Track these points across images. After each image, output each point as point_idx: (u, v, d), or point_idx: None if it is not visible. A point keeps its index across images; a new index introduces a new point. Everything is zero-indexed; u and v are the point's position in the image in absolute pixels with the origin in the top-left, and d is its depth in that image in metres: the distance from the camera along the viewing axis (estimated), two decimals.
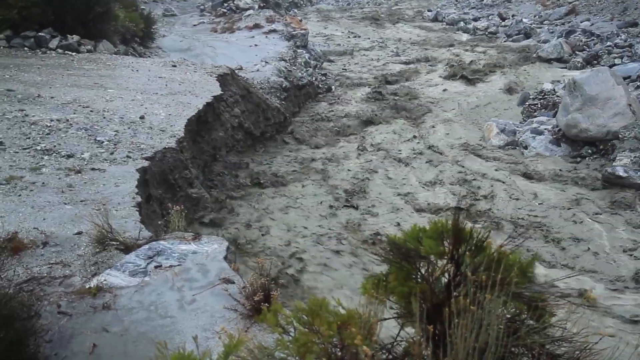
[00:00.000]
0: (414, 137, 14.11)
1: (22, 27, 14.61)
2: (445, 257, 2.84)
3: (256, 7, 27.39)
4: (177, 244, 5.63)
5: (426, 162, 12.39)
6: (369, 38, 27.53)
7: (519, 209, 10.07)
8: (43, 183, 7.13)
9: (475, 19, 30.82)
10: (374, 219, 10.01)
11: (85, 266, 5.34)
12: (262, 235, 9.35)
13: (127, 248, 5.63)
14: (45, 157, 7.93)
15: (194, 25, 25.52)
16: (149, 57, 17.85)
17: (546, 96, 15.37)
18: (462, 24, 29.97)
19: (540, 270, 7.82)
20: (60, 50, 14.69)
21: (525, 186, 10.96)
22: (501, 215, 9.81)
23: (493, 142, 13.35)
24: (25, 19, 14.40)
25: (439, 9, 35.47)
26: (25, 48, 14.50)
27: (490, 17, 30.54)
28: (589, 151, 12.12)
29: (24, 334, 3.75)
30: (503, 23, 28.23)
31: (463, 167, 12.02)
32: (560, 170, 11.49)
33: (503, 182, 11.13)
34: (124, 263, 5.27)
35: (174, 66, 14.24)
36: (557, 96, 14.85)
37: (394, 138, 14.04)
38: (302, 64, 19.08)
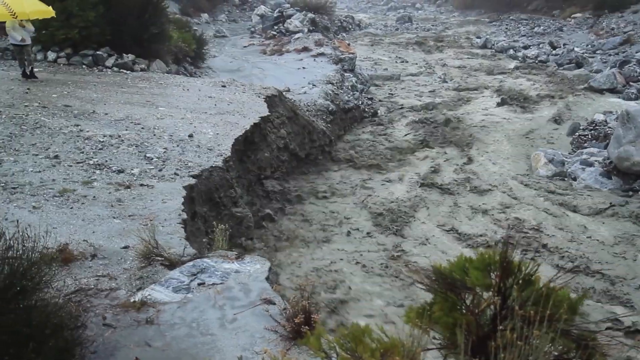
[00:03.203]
0: (460, 164, 13.96)
1: (81, 46, 15.25)
2: (492, 289, 2.79)
3: (305, 30, 27.78)
4: (221, 263, 5.69)
5: (471, 190, 12.22)
6: (416, 63, 27.51)
7: (567, 241, 9.80)
8: (94, 197, 7.34)
9: (525, 47, 30.47)
10: (416, 246, 9.91)
11: (130, 280, 5.45)
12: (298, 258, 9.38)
13: (172, 264, 5.72)
14: (97, 172, 8.17)
15: (244, 46, 26.03)
16: (200, 76, 18.28)
17: (597, 127, 15.02)
18: (511, 51, 29.67)
19: (588, 307, 7.58)
20: (115, 69, 15.22)
21: (574, 219, 10.69)
22: (548, 248, 9.56)
23: (541, 172, 13.08)
24: (85, 39, 15.02)
25: (488, 36, 35.23)
26: (84, 66, 15.09)
27: (540, 46, 30.16)
28: None
29: (72, 343, 3.84)
30: (554, 51, 27.81)
31: (509, 196, 11.81)
32: (611, 204, 11.15)
33: (551, 214, 10.87)
34: (168, 279, 5.36)
35: (224, 86, 14.52)
36: (609, 127, 14.50)
37: (439, 165, 13.92)
38: (349, 87, 19.19)
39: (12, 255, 3.69)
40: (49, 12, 12.43)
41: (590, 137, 14.64)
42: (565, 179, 12.74)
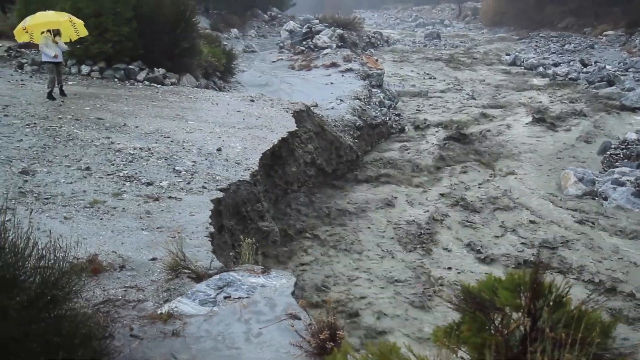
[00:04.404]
0: (487, 181, 13.82)
1: (114, 60, 15.57)
2: (522, 310, 2.75)
3: (334, 46, 27.96)
4: (247, 277, 5.70)
5: (499, 208, 12.07)
6: (444, 80, 27.44)
7: (598, 262, 9.61)
8: (123, 208, 7.44)
9: (556, 64, 30.21)
10: (441, 264, 9.81)
11: (158, 292, 5.49)
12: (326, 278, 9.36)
13: (198, 277, 5.75)
14: (127, 184, 8.29)
15: (273, 61, 26.28)
16: (229, 91, 18.49)
17: (629, 146, 14.77)
18: (541, 68, 29.43)
19: (621, 330, 7.39)
20: (146, 82, 15.50)
21: (605, 239, 10.47)
22: (579, 269, 9.38)
23: (570, 191, 12.88)
24: (118, 53, 15.35)
25: (517, 53, 35.03)
26: (116, 79, 15.40)
27: (571, 63, 29.87)
28: None
29: (100, 354, 3.88)
30: (585, 69, 27.50)
31: (538, 215, 11.63)
32: None
33: (581, 234, 10.68)
34: (195, 292, 5.38)
35: (252, 101, 14.66)
36: None
37: (466, 182, 13.80)
38: (377, 103, 19.22)
39: (44, 264, 3.76)
40: (57, 23, 12.39)
41: (622, 156, 14.40)
42: (596, 198, 12.52)
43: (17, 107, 11.41)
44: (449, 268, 9.62)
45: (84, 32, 13.00)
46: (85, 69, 15.58)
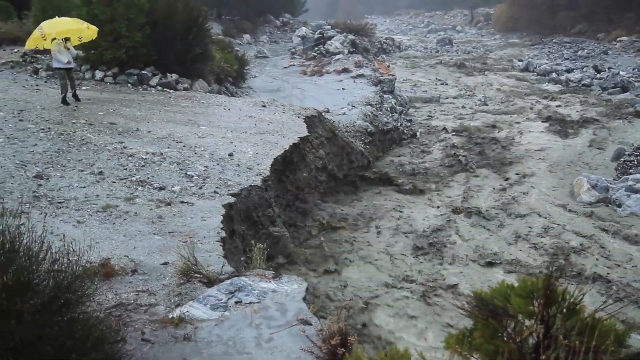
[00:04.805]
0: (499, 188, 13.74)
1: (127, 65, 15.69)
2: (535, 317, 2.72)
3: (346, 51, 27.97)
4: (258, 282, 5.71)
5: (511, 215, 12.01)
6: (456, 86, 27.37)
7: (611, 270, 9.52)
8: (136, 213, 7.48)
9: (568, 70, 29.99)
10: (453, 271, 9.76)
11: (169, 296, 5.50)
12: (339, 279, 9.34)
13: (210, 281, 5.76)
14: (139, 188, 8.33)
15: (285, 67, 26.34)
16: (240, 96, 18.55)
17: None
18: (554, 74, 29.23)
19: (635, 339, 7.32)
20: (159, 88, 15.59)
21: (619, 246, 10.37)
22: (591, 276, 9.29)
23: (583, 198, 12.77)
24: (131, 58, 15.47)
25: (530, 59, 34.85)
26: (129, 84, 15.51)
27: (584, 69, 29.64)
28: None
29: (112, 357, 3.90)
30: (598, 75, 27.26)
31: (550, 222, 11.55)
32: None
33: (594, 241, 10.58)
34: (206, 296, 5.40)
35: (264, 106, 14.70)
36: None
37: (478, 188, 13.74)
38: (388, 109, 19.20)
39: (58, 268, 3.78)
40: (78, 30, 12.47)
41: (636, 162, 14.25)
42: (609, 205, 12.40)
43: (32, 112, 11.52)
44: (461, 273, 9.57)
45: (87, 38, 13.05)
46: (98, 74, 15.71)
